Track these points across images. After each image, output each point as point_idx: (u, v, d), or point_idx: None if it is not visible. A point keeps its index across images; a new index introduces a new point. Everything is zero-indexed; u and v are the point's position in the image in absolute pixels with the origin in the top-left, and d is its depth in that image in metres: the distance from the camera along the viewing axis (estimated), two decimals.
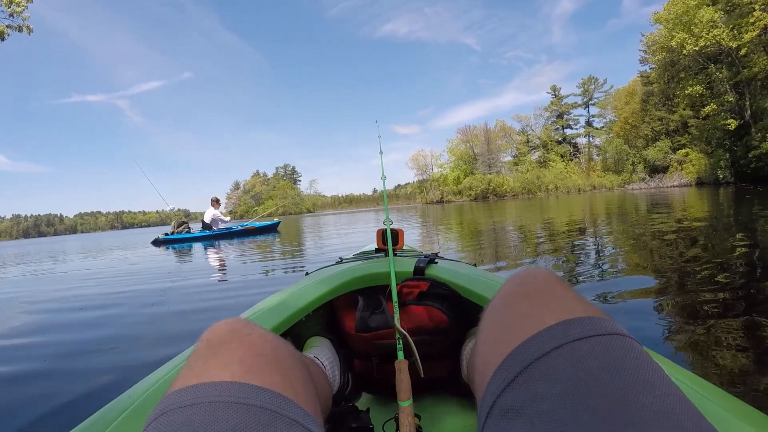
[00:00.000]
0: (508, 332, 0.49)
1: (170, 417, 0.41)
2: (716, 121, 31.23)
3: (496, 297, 0.58)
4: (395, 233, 1.38)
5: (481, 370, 0.52)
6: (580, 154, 64.75)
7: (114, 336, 2.72)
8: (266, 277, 4.81)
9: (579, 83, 65.35)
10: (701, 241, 4.79)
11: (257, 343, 0.51)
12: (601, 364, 0.40)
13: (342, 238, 10.55)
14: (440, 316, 1.02)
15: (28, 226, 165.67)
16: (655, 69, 35.74)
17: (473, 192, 61.69)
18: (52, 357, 2.37)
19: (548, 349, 0.43)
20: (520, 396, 0.41)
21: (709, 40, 28.03)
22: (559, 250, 4.98)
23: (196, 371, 0.46)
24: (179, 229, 13.33)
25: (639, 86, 50.60)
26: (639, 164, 49.37)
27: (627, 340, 0.43)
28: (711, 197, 14.26)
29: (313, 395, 0.53)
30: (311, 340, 1.11)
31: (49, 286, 5.95)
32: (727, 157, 31.75)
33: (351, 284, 1.16)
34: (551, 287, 0.52)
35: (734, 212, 8.20)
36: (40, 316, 3.68)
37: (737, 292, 2.53)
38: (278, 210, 42.84)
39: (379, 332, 1.05)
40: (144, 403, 0.69)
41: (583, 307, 0.48)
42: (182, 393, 0.43)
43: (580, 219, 9.59)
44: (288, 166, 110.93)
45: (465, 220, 13.63)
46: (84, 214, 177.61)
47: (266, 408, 0.42)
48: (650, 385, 0.38)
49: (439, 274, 1.14)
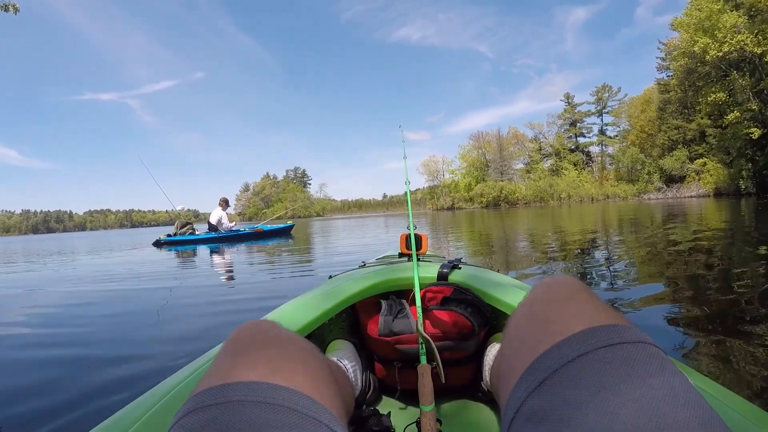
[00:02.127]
0: (534, 339, 0.50)
1: (198, 415, 0.41)
2: (738, 130, 30.39)
3: (522, 303, 0.59)
4: (419, 238, 1.38)
5: (506, 375, 0.53)
6: (593, 162, 64.03)
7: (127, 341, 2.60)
8: (282, 283, 4.55)
9: (593, 91, 64.88)
10: (719, 252, 4.66)
11: (284, 344, 0.52)
12: (625, 371, 0.40)
13: (357, 242, 10.24)
14: (464, 321, 1.01)
15: (38, 221, 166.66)
16: (675, 75, 34.91)
17: (485, 199, 61.09)
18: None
19: (574, 356, 0.43)
20: (545, 402, 0.42)
21: (733, 45, 27.36)
22: (572, 258, 4.97)
23: (224, 371, 0.46)
24: (183, 230, 12.58)
25: (655, 94, 49.79)
26: (654, 174, 48.40)
27: (651, 348, 0.44)
28: (732, 208, 13.91)
29: (338, 397, 0.53)
30: (334, 343, 1.13)
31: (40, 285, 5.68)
32: (749, 167, 30.94)
33: (375, 288, 1.18)
34: (577, 295, 0.53)
35: (759, 224, 7.90)
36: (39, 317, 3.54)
37: (760, 303, 2.47)
38: (287, 213, 42.41)
39: (401, 336, 1.05)
40: (169, 401, 0.69)
41: (609, 315, 0.48)
42: (210, 392, 0.43)
43: (595, 228, 9.36)
44: (298, 169, 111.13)
45: (477, 227, 13.27)
46: (93, 212, 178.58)
47: (293, 408, 0.43)
48: (674, 393, 0.38)
49: (463, 280, 1.15)
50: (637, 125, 53.04)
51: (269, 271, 5.56)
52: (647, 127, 51.06)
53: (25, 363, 2.31)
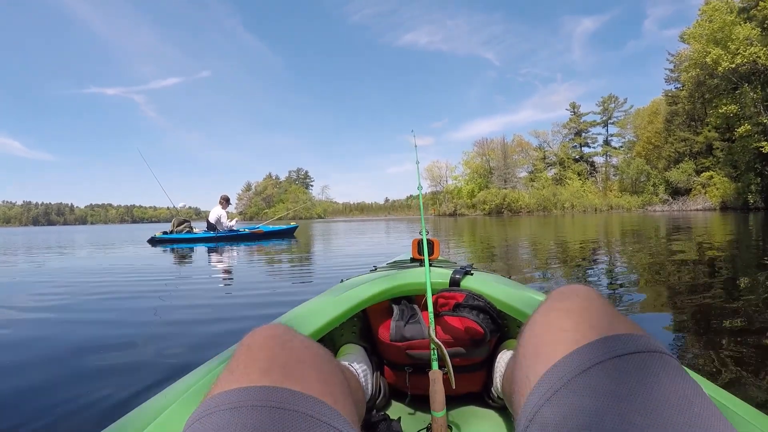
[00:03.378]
0: (549, 347, 0.50)
1: (212, 419, 0.41)
2: (748, 143, 30.01)
3: (537, 311, 0.59)
4: (431, 243, 1.38)
5: (520, 383, 0.53)
6: (596, 173, 63.72)
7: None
8: (289, 288, 4.23)
9: (599, 101, 64.77)
10: (724, 263, 4.66)
11: (297, 348, 0.52)
12: (640, 380, 0.40)
13: (363, 246, 9.88)
14: (476, 328, 1.00)
15: (39, 213, 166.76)
16: (685, 86, 34.55)
17: (487, 206, 60.90)
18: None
19: (589, 364, 0.43)
20: (560, 410, 0.42)
21: (746, 57, 27.03)
22: (574, 267, 4.91)
23: (237, 375, 0.46)
24: (180, 228, 11.84)
25: (663, 105, 49.52)
26: (660, 185, 48.01)
27: (666, 357, 0.44)
28: (740, 222, 13.68)
29: (351, 402, 0.53)
30: (345, 347, 1.14)
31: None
32: (758, 182, 30.57)
33: (387, 293, 1.18)
34: (593, 304, 0.53)
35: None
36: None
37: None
38: (288, 214, 42.09)
39: (413, 342, 1.05)
40: (182, 404, 0.69)
41: (624, 324, 0.49)
42: (224, 396, 0.43)
43: (603, 240, 9.08)
44: (301, 170, 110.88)
45: (478, 235, 12.90)
46: (95, 206, 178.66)
47: (307, 414, 0.43)
48: (688, 403, 0.38)
49: (475, 286, 1.14)
50: (644, 136, 52.79)
51: (271, 274, 5.26)
52: (654, 138, 50.80)
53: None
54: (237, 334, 0.70)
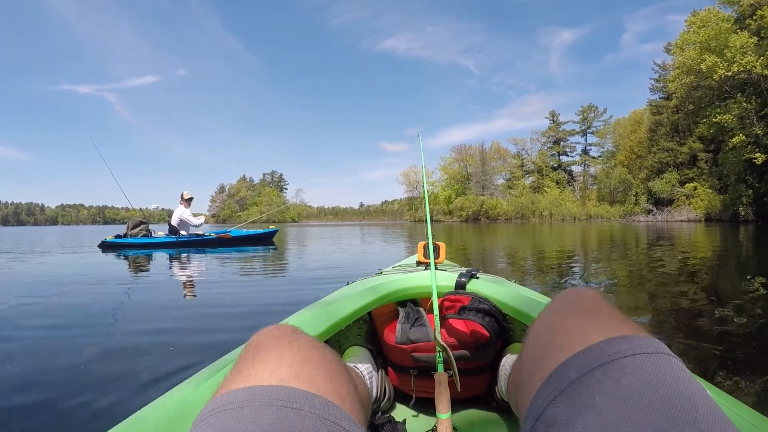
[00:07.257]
0: (554, 348, 0.50)
1: (220, 418, 0.41)
2: (741, 154, 29.26)
3: (542, 314, 0.59)
4: (437, 247, 1.37)
5: (525, 384, 0.53)
6: (575, 181, 63.46)
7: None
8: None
9: (578, 111, 64.77)
10: (706, 274, 4.69)
11: (305, 348, 0.52)
12: (645, 381, 0.40)
13: (350, 255, 8.70)
14: (481, 331, 1.01)
15: (8, 213, 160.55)
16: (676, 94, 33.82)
17: (464, 213, 60.12)
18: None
19: (594, 365, 0.44)
20: (564, 411, 0.42)
21: (742, 66, 26.29)
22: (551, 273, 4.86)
23: (245, 374, 0.46)
24: (135, 230, 10.00)
25: (647, 115, 49.20)
26: (642, 195, 47.52)
27: (671, 359, 0.44)
28: (729, 234, 13.48)
29: (358, 402, 0.53)
30: (351, 349, 1.13)
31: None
32: (750, 194, 29.94)
33: (393, 296, 1.18)
34: (597, 306, 0.54)
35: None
36: None
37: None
38: (262, 218, 39.90)
39: (418, 345, 1.05)
40: (189, 403, 0.69)
41: (628, 326, 0.49)
42: (232, 395, 0.43)
43: (582, 248, 8.93)
44: (275, 173, 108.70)
45: (454, 242, 11.95)
46: (66, 206, 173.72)
47: (314, 413, 0.43)
48: (693, 405, 0.38)
49: (481, 289, 1.14)
50: (626, 146, 52.46)
51: (242, 290, 4.34)
52: (637, 147, 50.49)
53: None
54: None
